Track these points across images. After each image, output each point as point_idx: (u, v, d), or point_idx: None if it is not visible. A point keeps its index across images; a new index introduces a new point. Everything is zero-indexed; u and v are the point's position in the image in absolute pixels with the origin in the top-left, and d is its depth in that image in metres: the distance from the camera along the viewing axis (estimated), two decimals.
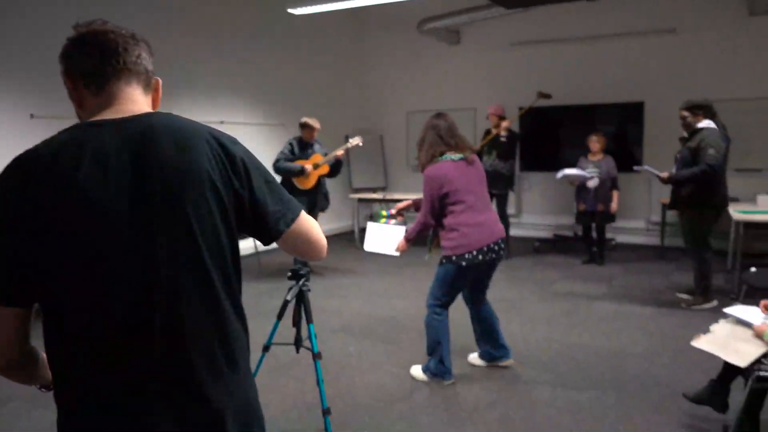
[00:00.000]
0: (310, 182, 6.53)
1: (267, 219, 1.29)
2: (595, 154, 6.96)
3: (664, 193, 7.03)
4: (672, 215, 7.73)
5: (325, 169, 6.57)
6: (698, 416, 3.19)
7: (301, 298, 2.67)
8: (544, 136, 8.61)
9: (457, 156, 3.52)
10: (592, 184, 6.81)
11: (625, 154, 7.87)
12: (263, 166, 1.32)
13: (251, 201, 1.26)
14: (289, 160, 6.41)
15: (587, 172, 6.85)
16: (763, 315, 2.89)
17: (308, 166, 6.41)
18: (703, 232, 5.14)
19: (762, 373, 2.61)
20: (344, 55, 9.75)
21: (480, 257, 3.44)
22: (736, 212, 5.70)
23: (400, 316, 5.14)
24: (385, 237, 3.79)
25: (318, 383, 2.64)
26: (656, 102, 7.69)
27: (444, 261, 3.54)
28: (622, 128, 8.23)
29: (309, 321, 2.70)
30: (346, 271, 7.03)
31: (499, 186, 7.12)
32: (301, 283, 2.66)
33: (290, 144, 6.49)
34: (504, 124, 7.21)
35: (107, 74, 1.21)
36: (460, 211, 3.47)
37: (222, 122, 7.44)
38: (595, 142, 6.94)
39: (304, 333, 2.75)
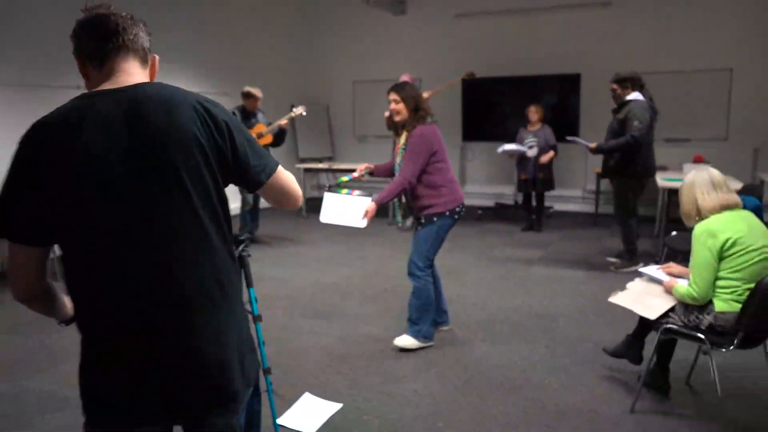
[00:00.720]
0: None
1: (250, 171, 1.50)
2: (533, 125, 7.22)
3: (599, 163, 7.33)
4: (606, 184, 8.07)
5: (268, 139, 6.57)
6: (616, 368, 3.45)
7: (241, 263, 2.74)
8: (486, 107, 8.79)
9: (431, 120, 3.72)
10: (531, 153, 7.07)
11: (564, 124, 8.12)
12: (243, 126, 1.52)
13: (234, 156, 1.45)
14: None
15: (526, 142, 7.09)
16: (667, 273, 3.14)
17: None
18: (629, 200, 5.42)
19: (668, 326, 2.86)
20: (290, 24, 9.65)
21: (463, 210, 3.74)
22: (662, 180, 6.04)
23: (345, 283, 5.27)
24: (346, 208, 3.63)
25: (259, 345, 2.73)
26: (592, 74, 7.94)
27: (435, 219, 3.65)
28: (560, 99, 8.48)
29: (249, 285, 2.77)
30: (292, 240, 7.09)
31: None
32: (241, 248, 2.73)
33: (234, 114, 6.44)
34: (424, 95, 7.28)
35: (108, 51, 1.41)
36: (446, 169, 3.69)
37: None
38: (533, 113, 7.18)
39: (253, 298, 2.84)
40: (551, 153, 7.10)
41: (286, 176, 1.60)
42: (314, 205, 9.18)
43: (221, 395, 1.44)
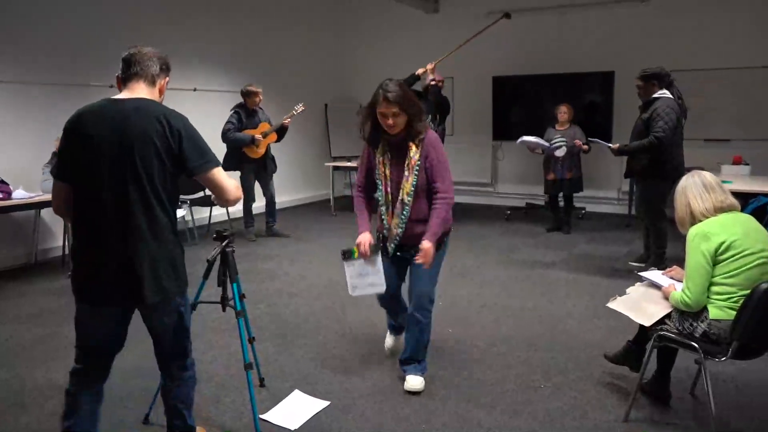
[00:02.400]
0: (261, 151, 6.64)
1: (188, 166, 2.20)
2: (562, 124, 6.99)
3: None
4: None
5: (273, 137, 6.70)
6: (616, 375, 3.32)
7: (225, 259, 2.76)
8: (518, 106, 8.63)
9: None
10: (559, 153, 6.88)
11: (597, 123, 7.91)
12: (196, 134, 2.24)
13: (180, 154, 2.17)
14: (238, 130, 6.50)
15: (554, 141, 6.90)
16: (671, 280, 3.00)
17: (258, 136, 6.51)
18: (658, 203, 5.21)
19: (662, 333, 2.73)
20: (321, 23, 9.70)
21: None
22: None
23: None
24: (366, 274, 3.09)
25: (241, 339, 2.76)
26: (627, 71, 7.64)
27: (446, 238, 3.19)
28: (594, 97, 8.24)
29: (232, 281, 2.80)
30: (315, 238, 7.12)
31: None
32: (224, 244, 2.75)
33: (236, 113, 6.58)
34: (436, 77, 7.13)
35: (128, 76, 2.25)
36: None
37: (195, 89, 7.47)
38: (563, 113, 6.98)
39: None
40: (583, 145, 6.80)
41: (221, 177, 2.29)
42: (343, 203, 9.32)
43: (143, 294, 2.18)
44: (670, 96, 5.07)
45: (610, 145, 5.32)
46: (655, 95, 5.09)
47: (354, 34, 10.07)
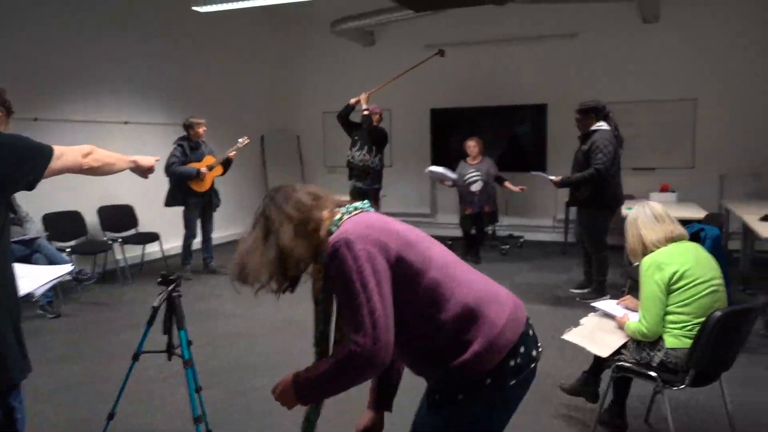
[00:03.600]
0: (206, 184, 6.46)
1: (20, 183, 1.84)
2: (474, 158, 7.10)
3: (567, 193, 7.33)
4: (574, 213, 8.06)
5: (218, 171, 6.55)
6: (573, 406, 3.33)
7: (172, 305, 2.60)
8: (455, 137, 8.73)
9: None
10: (476, 188, 6.97)
11: (531, 154, 8.13)
12: (35, 157, 1.85)
13: (20, 173, 1.82)
14: (183, 163, 6.31)
15: (468, 176, 7.00)
16: (623, 309, 3.04)
17: (203, 169, 6.34)
18: (601, 231, 5.35)
19: (620, 363, 2.75)
20: (258, 54, 9.60)
21: None
22: (627, 209, 5.99)
23: (304, 320, 5.10)
24: None
25: (189, 391, 2.58)
26: (559, 103, 7.96)
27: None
28: (528, 129, 8.47)
29: (180, 328, 2.64)
30: None
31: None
32: (171, 288, 2.59)
33: (180, 146, 6.39)
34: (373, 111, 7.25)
35: None
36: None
37: (126, 122, 7.18)
38: (472, 147, 7.07)
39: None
40: (509, 185, 6.98)
41: (64, 160, 1.92)
42: None
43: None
44: (608, 128, 5.26)
45: (552, 177, 5.45)
46: (593, 128, 5.27)
47: (291, 65, 10.01)
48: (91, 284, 5.74)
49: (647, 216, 2.77)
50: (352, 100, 7.26)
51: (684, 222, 5.21)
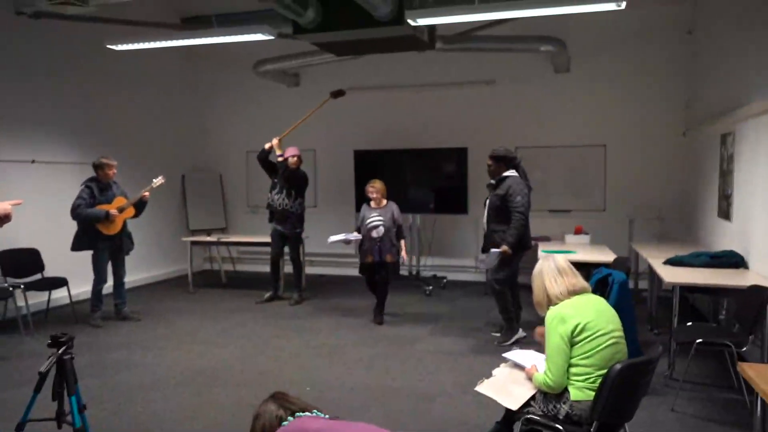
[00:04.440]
0: (117, 227, 6.21)
1: None
2: (377, 202, 6.37)
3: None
4: None
5: (131, 212, 6.32)
6: None
7: (62, 369, 2.42)
8: (378, 178, 8.76)
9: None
10: (376, 233, 6.20)
11: (453, 196, 8.28)
12: None
13: None
14: (90, 206, 6.04)
15: (369, 221, 6.24)
16: (534, 356, 3.08)
17: (113, 211, 6.09)
18: (510, 270, 5.51)
19: (529, 416, 2.77)
20: (179, 92, 9.42)
21: None
22: (543, 252, 6.17)
23: (218, 367, 4.92)
24: None
25: None
26: (478, 147, 8.15)
27: None
28: (450, 171, 8.64)
29: (71, 394, 2.45)
30: (171, 318, 6.63)
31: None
32: (61, 351, 2.42)
33: (88, 187, 6.13)
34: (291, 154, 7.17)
35: None
36: None
37: (33, 161, 6.82)
38: (373, 192, 6.35)
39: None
40: (404, 245, 6.39)
41: None
42: (201, 279, 8.85)
43: None
44: (517, 175, 5.47)
45: (501, 250, 5.35)
46: (506, 174, 5.48)
47: (214, 103, 9.86)
48: None
49: (551, 269, 2.84)
50: (267, 145, 7.19)
51: (594, 265, 5.44)
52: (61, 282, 6.40)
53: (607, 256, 5.93)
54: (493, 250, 5.46)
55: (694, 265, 5.15)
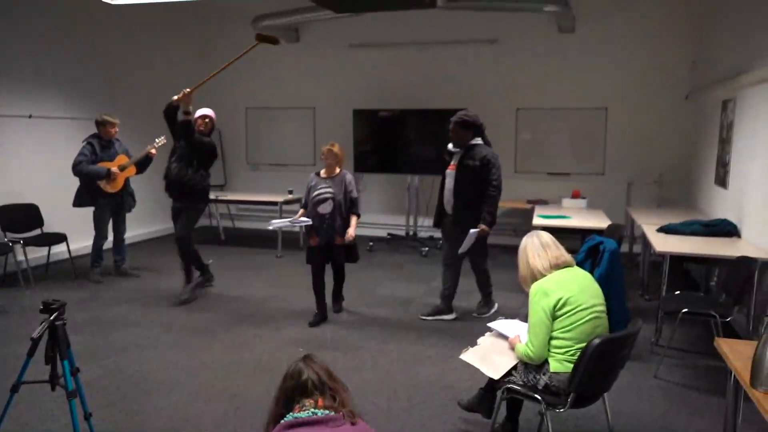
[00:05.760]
0: (118, 185, 6.24)
1: None
2: (329, 170, 5.16)
3: None
4: None
5: (131, 171, 6.33)
6: (470, 421, 3.41)
7: (54, 333, 2.49)
8: (378, 139, 8.76)
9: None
10: (324, 209, 5.04)
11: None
12: None
13: None
14: (92, 163, 6.05)
15: (318, 192, 5.08)
16: (518, 326, 3.14)
17: (115, 169, 6.11)
18: (485, 245, 5.17)
19: (510, 385, 2.85)
20: (178, 48, 9.29)
21: None
22: (538, 217, 6.19)
23: (213, 326, 5.01)
24: None
25: (73, 425, 2.49)
26: (478, 108, 8.07)
27: None
28: (448, 133, 8.56)
29: (63, 358, 2.53)
30: (169, 276, 6.70)
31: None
32: (53, 317, 2.48)
33: (90, 144, 6.13)
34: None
35: None
36: None
37: (30, 116, 6.80)
38: (326, 156, 5.15)
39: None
40: (354, 222, 5.14)
41: None
42: (200, 235, 8.91)
43: None
44: (484, 143, 5.04)
45: (480, 229, 4.88)
46: (472, 142, 4.99)
47: (213, 59, 9.72)
48: None
49: (534, 245, 2.87)
50: (174, 98, 5.56)
51: (587, 231, 5.47)
52: (60, 237, 6.47)
53: (602, 221, 5.94)
54: (472, 231, 4.83)
55: (686, 233, 5.17)
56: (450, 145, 5.13)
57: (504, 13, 7.93)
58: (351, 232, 5.11)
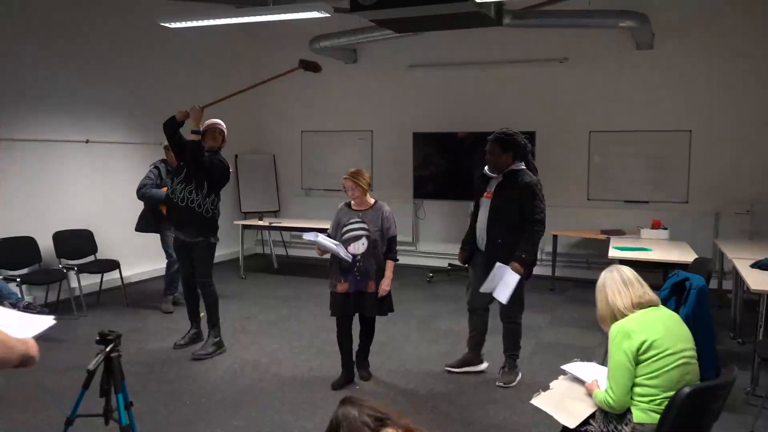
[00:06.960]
0: None
1: None
2: (359, 203, 4.45)
3: (558, 225, 7.34)
4: (566, 246, 8.09)
5: None
6: None
7: (110, 365, 2.58)
8: (439, 163, 8.77)
9: None
10: (355, 248, 4.37)
11: None
12: None
13: None
14: (156, 186, 6.28)
15: (348, 229, 4.40)
16: (596, 369, 3.04)
17: None
18: (522, 291, 4.51)
19: None
20: (233, 72, 9.59)
21: None
22: (614, 249, 6.03)
23: (268, 361, 5.07)
24: None
25: None
26: (547, 131, 8.02)
27: None
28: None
29: (117, 391, 2.61)
30: (221, 306, 6.82)
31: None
32: (109, 348, 2.57)
33: (156, 168, 6.37)
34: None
35: None
36: None
37: (87, 141, 7.15)
38: (350, 186, 4.38)
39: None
40: (390, 270, 4.41)
41: None
42: (253, 264, 9.08)
43: None
44: (527, 170, 4.49)
45: (517, 273, 4.27)
46: (514, 167, 4.46)
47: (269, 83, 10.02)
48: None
49: (615, 281, 2.78)
50: (179, 114, 5.40)
51: (671, 266, 5.28)
52: (113, 264, 6.73)
53: (686, 255, 5.72)
54: (508, 275, 4.25)
55: None
56: (486, 168, 4.59)
57: (574, 30, 7.86)
58: (385, 285, 4.37)
